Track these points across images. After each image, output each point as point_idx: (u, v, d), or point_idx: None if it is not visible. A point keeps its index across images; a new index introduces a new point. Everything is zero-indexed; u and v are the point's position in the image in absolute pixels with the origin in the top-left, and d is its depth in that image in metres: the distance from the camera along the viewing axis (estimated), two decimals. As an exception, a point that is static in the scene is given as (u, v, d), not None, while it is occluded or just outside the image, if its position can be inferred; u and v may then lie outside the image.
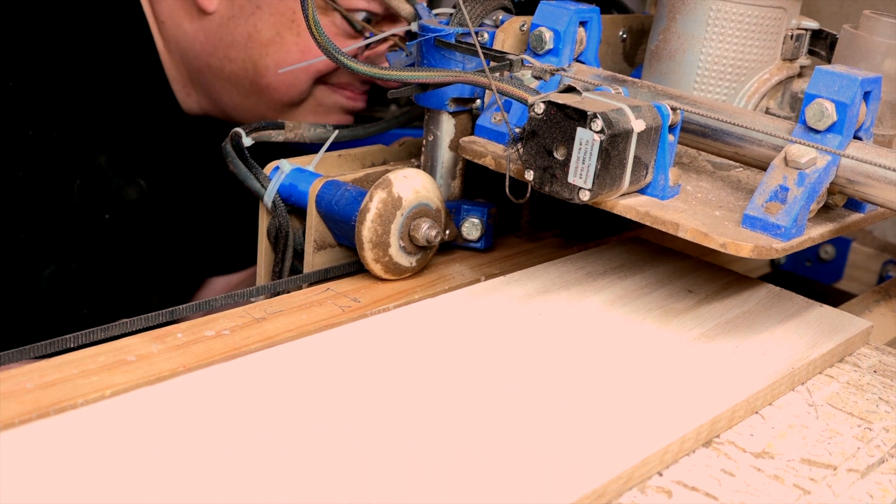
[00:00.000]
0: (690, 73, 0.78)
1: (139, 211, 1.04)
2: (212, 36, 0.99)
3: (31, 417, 0.52)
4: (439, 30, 0.77)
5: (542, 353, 0.65)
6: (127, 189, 1.01)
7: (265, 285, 0.77)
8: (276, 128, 0.87)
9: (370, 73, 0.70)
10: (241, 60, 0.98)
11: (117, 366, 0.58)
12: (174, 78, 1.04)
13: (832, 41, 0.79)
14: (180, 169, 1.09)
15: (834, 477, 0.58)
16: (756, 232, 0.66)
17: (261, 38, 0.97)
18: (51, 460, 0.49)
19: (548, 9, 0.77)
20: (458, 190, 0.83)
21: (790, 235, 0.65)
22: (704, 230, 0.65)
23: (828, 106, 0.66)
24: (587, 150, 0.64)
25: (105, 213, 1.00)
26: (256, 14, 0.96)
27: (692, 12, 0.77)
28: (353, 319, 0.69)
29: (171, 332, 0.64)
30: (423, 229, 0.74)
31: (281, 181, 0.80)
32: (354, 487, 0.50)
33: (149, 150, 1.04)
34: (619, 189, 0.67)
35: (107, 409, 0.54)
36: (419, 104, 0.80)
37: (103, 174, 0.99)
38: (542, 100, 0.66)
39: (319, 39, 0.67)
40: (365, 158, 0.88)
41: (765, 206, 0.66)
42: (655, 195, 0.69)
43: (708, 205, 0.70)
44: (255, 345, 0.63)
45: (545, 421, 0.57)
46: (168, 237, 1.09)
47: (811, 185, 0.65)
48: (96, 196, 0.99)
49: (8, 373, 0.56)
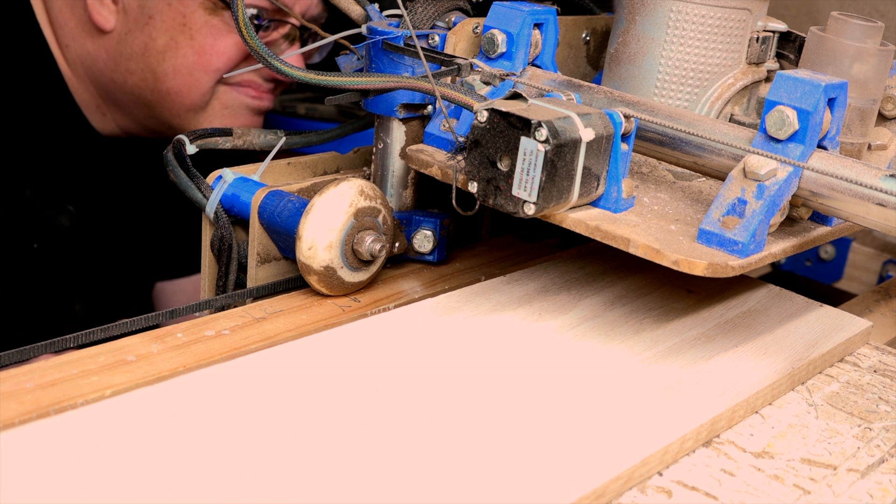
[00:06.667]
0: (650, 78, 0.74)
1: (73, 235, 1.07)
2: (112, 52, 1.02)
3: (31, 417, 0.52)
4: (387, 32, 0.74)
5: (542, 352, 0.65)
6: (59, 217, 1.05)
7: (206, 301, 0.74)
8: (222, 134, 0.83)
9: (305, 79, 0.66)
10: (141, 71, 1.02)
11: (117, 366, 0.59)
12: (86, 101, 1.08)
13: (801, 44, 0.75)
14: (110, 189, 1.12)
15: (834, 477, 0.57)
16: (712, 248, 0.62)
17: (156, 46, 1.00)
18: (51, 460, 0.49)
19: (500, 10, 0.74)
20: (410, 200, 0.79)
21: (748, 252, 0.61)
22: (657, 246, 0.61)
23: (789, 114, 0.62)
24: (532, 160, 0.60)
25: (34, 243, 1.03)
26: (150, 24, 1.00)
27: (652, 14, 0.73)
28: (353, 319, 0.69)
29: (171, 332, 0.64)
30: (367, 243, 0.70)
31: (223, 191, 0.77)
32: (355, 487, 0.50)
33: (73, 177, 1.08)
34: (567, 202, 0.63)
35: (107, 409, 0.54)
36: (367, 110, 0.76)
37: (31, 207, 1.03)
38: (485, 107, 0.62)
39: (251, 42, 0.64)
40: (316, 166, 0.84)
41: (721, 221, 0.62)
42: (608, 208, 0.65)
43: (664, 218, 0.66)
44: (255, 345, 0.63)
45: (545, 421, 0.57)
46: (106, 253, 1.12)
47: (771, 197, 0.62)
48: (24, 227, 1.02)
49: (8, 373, 0.56)
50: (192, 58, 0.99)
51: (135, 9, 1.00)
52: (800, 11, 1.25)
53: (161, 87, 1.01)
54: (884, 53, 0.69)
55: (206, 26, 0.99)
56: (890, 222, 0.61)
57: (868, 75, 0.69)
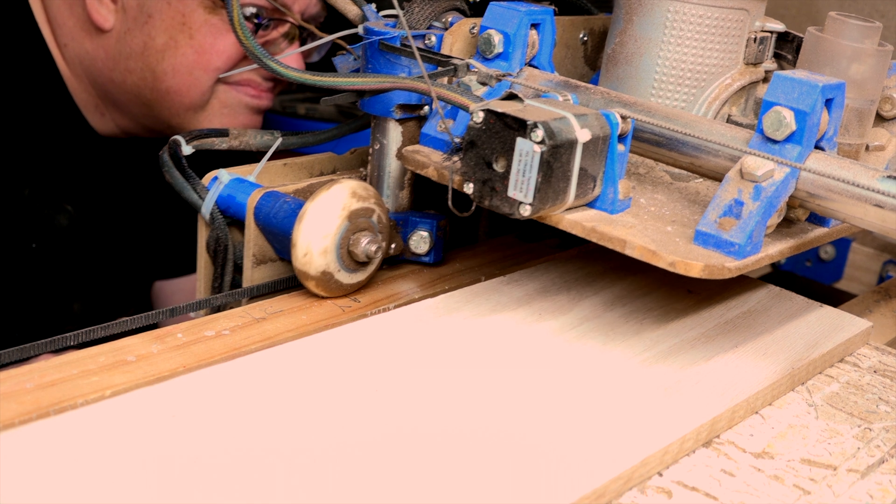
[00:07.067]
0: (647, 79, 0.73)
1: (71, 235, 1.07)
2: (111, 51, 1.02)
3: (31, 417, 0.52)
4: (383, 33, 0.73)
5: (542, 353, 0.65)
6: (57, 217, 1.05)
7: (201, 300, 0.74)
8: (219, 135, 0.83)
9: (300, 79, 0.66)
10: (140, 70, 1.01)
11: (117, 366, 0.58)
12: (84, 101, 1.07)
13: (799, 44, 0.75)
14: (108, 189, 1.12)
15: (834, 477, 0.57)
16: (708, 249, 0.62)
17: (155, 45, 1.00)
18: (51, 460, 0.49)
19: (497, 10, 0.73)
20: (406, 201, 0.79)
21: (745, 253, 0.61)
22: (653, 248, 0.61)
23: (786, 114, 0.61)
24: (527, 161, 0.60)
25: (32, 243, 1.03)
26: (149, 23, 0.99)
27: (649, 14, 0.73)
28: (353, 319, 0.69)
29: (171, 332, 0.64)
30: (363, 244, 0.70)
31: (219, 192, 0.76)
32: (355, 487, 0.49)
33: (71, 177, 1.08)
34: (563, 203, 0.62)
35: (107, 409, 0.54)
36: (364, 111, 0.76)
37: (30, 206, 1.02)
38: (481, 107, 0.62)
39: (246, 43, 0.64)
40: (313, 167, 0.84)
41: (718, 222, 0.62)
42: (604, 209, 0.65)
43: (661, 219, 0.66)
44: (255, 345, 0.63)
45: (546, 421, 0.57)
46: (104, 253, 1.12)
47: (768, 199, 0.61)
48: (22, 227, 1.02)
49: (8, 373, 0.56)
50: (192, 57, 0.99)
51: (134, 7, 1.00)
52: (800, 11, 1.25)
53: (160, 86, 1.01)
54: (882, 54, 0.69)
55: (206, 25, 0.99)
56: (887, 224, 0.60)
57: (866, 76, 0.69)
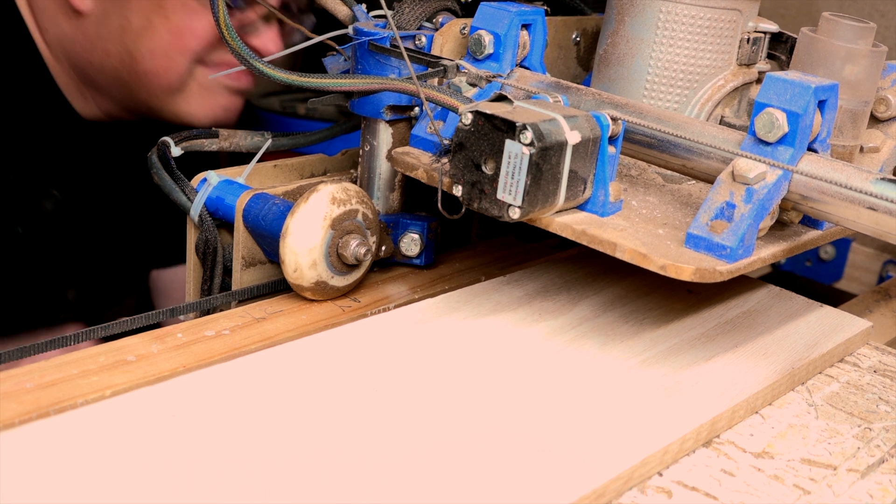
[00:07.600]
0: (640, 80, 0.73)
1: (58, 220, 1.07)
2: (90, 34, 1.02)
3: (31, 417, 0.52)
4: (373, 33, 0.73)
5: (542, 353, 0.65)
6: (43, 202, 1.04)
7: (190, 303, 0.73)
8: (209, 136, 0.82)
9: (288, 80, 0.65)
10: (118, 52, 1.02)
11: (117, 366, 0.59)
12: (67, 85, 1.07)
13: (793, 45, 0.74)
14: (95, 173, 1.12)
15: (834, 477, 0.57)
16: (700, 252, 0.61)
17: (132, 27, 1.00)
18: (51, 460, 0.49)
19: (488, 10, 0.72)
20: (397, 203, 0.78)
21: (736, 256, 0.60)
22: (644, 251, 0.60)
23: (778, 116, 0.61)
24: (516, 164, 0.59)
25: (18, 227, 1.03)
26: (126, 5, 1.00)
27: (641, 14, 0.72)
28: (353, 319, 0.69)
29: (171, 332, 0.64)
30: (352, 246, 0.69)
31: (208, 194, 0.76)
32: (355, 487, 0.49)
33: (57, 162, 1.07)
34: (553, 206, 0.62)
35: (107, 409, 0.54)
36: (353, 112, 0.75)
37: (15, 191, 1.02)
38: (470, 109, 0.61)
39: (232, 44, 0.63)
40: (303, 168, 0.83)
41: (709, 225, 0.61)
42: (595, 211, 0.64)
43: (652, 222, 0.65)
44: (255, 345, 0.63)
45: (545, 421, 0.57)
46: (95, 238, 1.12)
47: (760, 201, 0.60)
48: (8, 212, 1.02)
49: (8, 373, 0.56)
50: (168, 38, 1.00)
51: None
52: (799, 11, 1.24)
53: (138, 68, 1.02)
54: (876, 54, 0.68)
55: (181, 6, 1.00)
56: (880, 226, 0.60)
57: (860, 77, 0.68)
